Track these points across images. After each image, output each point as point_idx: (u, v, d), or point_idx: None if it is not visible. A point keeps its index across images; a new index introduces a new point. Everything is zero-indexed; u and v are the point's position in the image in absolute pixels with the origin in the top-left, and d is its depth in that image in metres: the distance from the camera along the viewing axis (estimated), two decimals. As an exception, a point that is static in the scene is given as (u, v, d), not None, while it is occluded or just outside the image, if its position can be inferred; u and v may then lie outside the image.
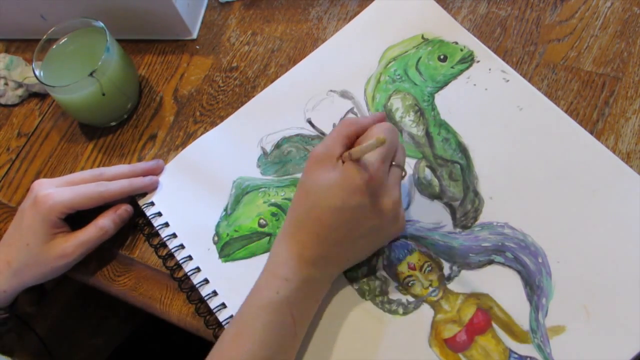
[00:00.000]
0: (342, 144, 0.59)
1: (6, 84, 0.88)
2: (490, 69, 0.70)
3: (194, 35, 0.86)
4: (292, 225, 0.60)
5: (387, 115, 0.71)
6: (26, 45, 0.94)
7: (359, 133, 0.60)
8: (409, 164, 0.68)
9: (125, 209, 0.72)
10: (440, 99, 0.70)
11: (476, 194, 0.64)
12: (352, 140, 0.60)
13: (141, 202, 0.73)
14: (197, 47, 0.85)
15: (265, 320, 0.56)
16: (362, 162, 0.56)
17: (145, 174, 0.74)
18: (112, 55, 0.75)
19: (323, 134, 0.72)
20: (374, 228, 0.58)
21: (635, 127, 0.65)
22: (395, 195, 0.58)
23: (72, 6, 0.82)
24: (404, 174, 0.60)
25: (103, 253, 0.73)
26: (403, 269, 0.63)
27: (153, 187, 0.74)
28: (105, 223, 0.70)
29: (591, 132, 0.65)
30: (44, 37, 0.78)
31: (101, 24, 0.77)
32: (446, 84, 0.71)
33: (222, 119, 0.77)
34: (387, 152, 0.57)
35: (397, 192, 0.58)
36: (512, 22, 0.74)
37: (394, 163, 0.59)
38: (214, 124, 0.77)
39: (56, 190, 0.68)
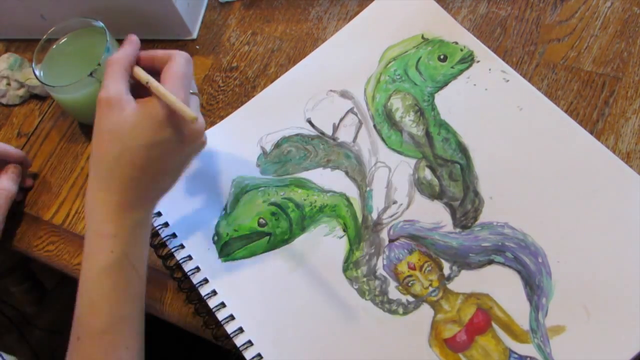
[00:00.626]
0: (123, 79, 0.58)
1: (8, 84, 0.88)
2: (490, 69, 0.70)
3: (194, 35, 0.86)
4: (101, 175, 0.57)
5: (387, 115, 0.71)
6: (26, 45, 0.94)
7: (133, 62, 0.60)
8: (409, 164, 0.68)
9: (15, 166, 0.76)
10: (440, 99, 0.70)
11: (476, 193, 0.64)
12: (130, 72, 0.59)
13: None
14: (197, 47, 0.85)
15: (112, 282, 0.56)
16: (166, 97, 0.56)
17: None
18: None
19: (323, 133, 0.72)
20: (182, 156, 0.59)
21: (635, 127, 0.65)
22: (201, 119, 0.59)
23: (72, 6, 0.82)
24: (199, 98, 0.62)
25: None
26: (403, 268, 0.63)
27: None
28: (6, 184, 0.75)
29: (591, 132, 0.65)
30: (44, 37, 0.78)
31: (101, 24, 0.76)
32: (446, 84, 0.71)
33: (222, 119, 0.77)
34: (187, 84, 0.58)
35: (200, 117, 0.59)
36: (512, 22, 0.74)
37: (190, 92, 0.59)
38: (213, 124, 0.77)
39: None
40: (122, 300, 0.56)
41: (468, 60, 0.71)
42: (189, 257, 0.69)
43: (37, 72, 0.77)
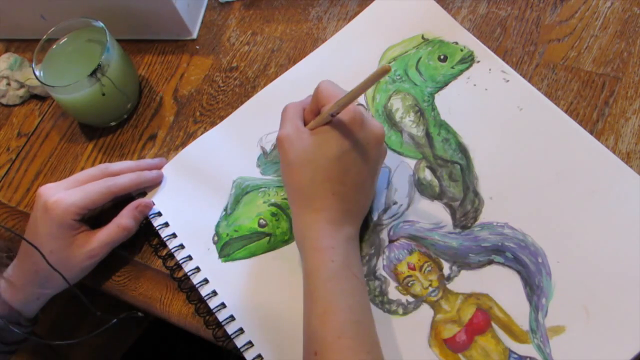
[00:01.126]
0: (299, 120, 0.61)
1: (8, 84, 0.88)
2: (490, 69, 0.70)
3: (194, 35, 0.86)
4: (303, 200, 0.60)
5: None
6: (26, 45, 0.94)
7: (304, 109, 0.63)
8: (409, 165, 0.68)
9: (145, 205, 0.71)
10: (440, 99, 0.70)
11: (476, 194, 0.64)
12: (302, 117, 0.62)
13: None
14: (197, 47, 0.85)
15: (339, 289, 0.56)
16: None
17: (150, 168, 0.74)
18: (112, 55, 0.75)
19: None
20: (371, 161, 0.60)
21: (635, 127, 0.65)
22: (378, 124, 0.60)
23: (72, 6, 0.82)
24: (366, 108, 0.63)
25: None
26: (403, 269, 0.63)
27: (159, 180, 0.74)
28: (127, 222, 0.70)
29: (591, 132, 0.65)
30: (44, 37, 0.78)
31: (101, 24, 0.77)
32: (446, 84, 0.71)
33: (222, 119, 0.77)
34: (359, 97, 0.58)
35: (377, 122, 0.60)
36: (512, 22, 0.74)
37: (357, 104, 0.60)
38: (214, 124, 0.77)
39: (66, 194, 0.68)
40: (352, 305, 0.56)
41: (468, 60, 0.71)
42: (189, 257, 0.69)
43: (37, 72, 0.77)
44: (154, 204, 0.72)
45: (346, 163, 0.58)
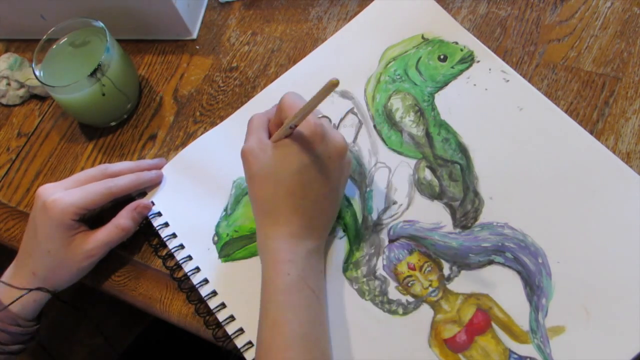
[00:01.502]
0: (264, 132, 0.62)
1: (8, 84, 0.88)
2: (490, 69, 0.70)
3: (194, 35, 0.86)
4: (265, 213, 0.60)
5: (388, 116, 0.71)
6: (26, 45, 0.94)
7: (269, 120, 0.64)
8: (409, 164, 0.68)
9: (144, 206, 0.71)
10: (440, 99, 0.70)
11: (476, 194, 0.64)
12: (267, 129, 0.63)
13: (141, 202, 0.73)
14: (197, 47, 0.85)
15: (290, 302, 0.57)
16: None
17: (150, 168, 0.75)
18: (112, 55, 0.75)
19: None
20: (334, 173, 0.60)
21: (635, 127, 0.65)
22: (340, 136, 0.60)
23: (72, 6, 0.82)
24: (330, 120, 0.64)
25: (103, 253, 0.73)
26: (403, 269, 0.63)
27: (159, 181, 0.74)
28: (125, 222, 0.70)
29: (591, 132, 0.65)
30: (44, 37, 0.78)
31: (101, 24, 0.77)
32: (446, 84, 0.71)
33: (222, 119, 0.77)
34: (314, 109, 0.58)
35: (339, 134, 0.60)
36: (512, 22, 0.74)
37: (319, 116, 0.62)
38: (214, 124, 0.77)
39: (65, 194, 0.68)
40: (303, 319, 0.57)
41: (468, 60, 0.71)
42: (189, 257, 0.69)
43: (37, 72, 0.77)
44: (153, 205, 0.72)
45: (307, 177, 0.59)
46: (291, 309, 0.57)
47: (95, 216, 0.72)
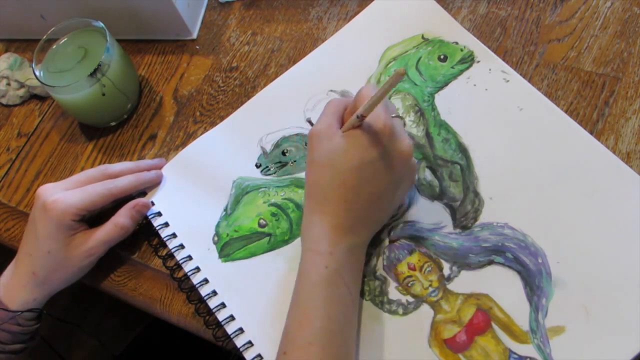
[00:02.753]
0: (336, 118, 0.61)
1: (8, 84, 0.88)
2: (490, 69, 0.70)
3: (194, 35, 0.86)
4: (316, 199, 0.60)
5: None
6: (26, 45, 0.94)
7: (346, 107, 0.62)
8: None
9: (143, 204, 0.71)
10: (440, 99, 0.70)
11: (476, 194, 0.64)
12: (342, 116, 0.61)
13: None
14: (197, 47, 0.85)
15: (324, 295, 0.56)
16: (367, 119, 0.57)
17: (150, 168, 0.75)
18: (112, 55, 0.75)
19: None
20: (394, 179, 0.59)
21: (635, 127, 0.65)
22: (407, 140, 0.59)
23: (72, 6, 0.82)
24: (404, 122, 0.62)
25: (103, 253, 0.73)
26: (403, 269, 0.63)
27: (159, 181, 0.74)
28: (124, 221, 0.70)
29: (591, 132, 0.65)
30: (44, 37, 0.78)
31: (101, 24, 0.77)
32: (446, 84, 0.71)
33: (222, 119, 0.77)
34: (387, 105, 0.58)
35: (407, 138, 0.59)
36: (512, 22, 0.74)
37: (392, 115, 0.60)
38: (214, 124, 0.77)
39: (65, 194, 0.68)
40: (332, 314, 0.56)
41: (468, 60, 0.71)
42: (189, 257, 0.69)
43: (37, 72, 0.77)
44: (153, 204, 0.72)
45: (365, 174, 0.58)
46: (323, 303, 0.56)
47: (95, 215, 0.72)
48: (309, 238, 0.59)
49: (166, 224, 0.71)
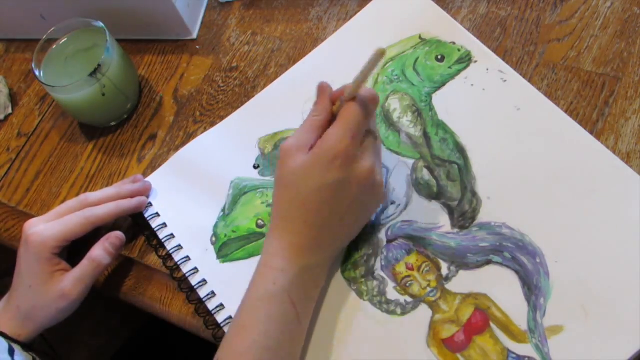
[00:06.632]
0: (312, 135, 0.60)
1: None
2: (487, 69, 0.70)
3: (194, 35, 0.86)
4: (278, 218, 0.60)
5: (385, 116, 0.71)
6: (26, 45, 0.94)
7: (330, 120, 0.61)
8: (407, 164, 0.67)
9: (116, 236, 0.70)
10: (437, 99, 0.70)
11: (474, 194, 0.64)
12: (324, 129, 0.61)
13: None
14: (197, 47, 0.85)
15: (266, 311, 0.56)
16: (330, 138, 0.58)
17: (132, 195, 0.73)
18: (112, 55, 0.76)
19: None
20: (355, 201, 0.59)
21: (635, 127, 0.65)
22: (367, 163, 0.59)
23: (72, 6, 0.83)
24: (377, 140, 0.62)
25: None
26: (401, 269, 0.63)
27: (142, 208, 0.73)
28: (98, 254, 0.68)
29: (591, 132, 0.65)
30: (44, 37, 0.78)
31: (101, 24, 0.77)
32: (444, 84, 0.71)
33: (222, 119, 0.77)
34: (356, 126, 0.58)
35: (369, 160, 0.59)
36: (512, 22, 0.74)
37: (365, 129, 0.60)
38: (214, 124, 0.77)
39: (45, 226, 0.68)
40: (270, 331, 0.56)
41: (465, 60, 0.71)
42: (187, 258, 0.69)
43: (37, 73, 0.77)
44: (151, 205, 0.73)
45: (325, 196, 0.58)
46: (263, 319, 0.56)
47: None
48: (266, 252, 0.60)
49: (164, 225, 0.71)
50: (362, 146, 0.59)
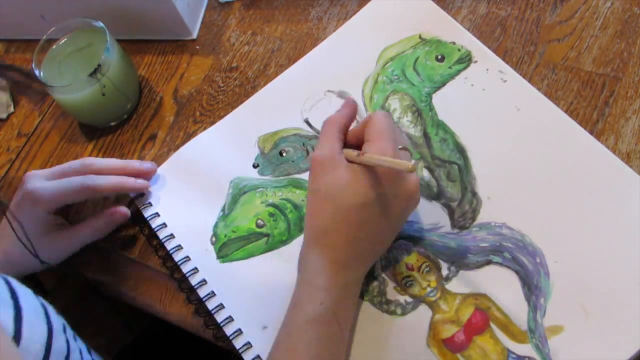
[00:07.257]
0: (338, 140, 0.59)
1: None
2: (487, 69, 0.70)
3: (194, 35, 0.86)
4: (315, 231, 0.58)
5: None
6: (26, 45, 0.94)
7: (348, 125, 0.61)
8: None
9: (121, 214, 0.71)
10: (437, 99, 0.70)
11: (474, 194, 0.64)
12: (344, 134, 0.61)
13: (139, 203, 0.73)
14: (197, 47, 0.85)
15: (315, 334, 0.55)
16: (374, 151, 0.56)
17: (137, 174, 0.73)
18: (112, 55, 0.76)
19: (321, 134, 0.72)
20: (399, 216, 0.59)
21: (635, 127, 0.65)
22: (414, 178, 0.58)
23: (72, 6, 0.83)
24: (410, 154, 0.61)
25: (103, 253, 0.73)
26: (401, 269, 0.63)
27: (144, 192, 0.73)
28: (99, 225, 0.70)
29: (591, 132, 0.65)
30: (44, 37, 0.78)
31: (101, 24, 0.77)
32: (444, 84, 0.71)
33: (222, 119, 0.77)
34: (395, 134, 0.57)
35: (414, 174, 0.58)
36: (512, 22, 0.74)
37: (399, 147, 0.58)
38: (213, 124, 0.77)
39: (42, 185, 0.67)
40: (320, 353, 0.55)
41: (465, 60, 0.71)
42: (187, 258, 0.69)
43: (37, 72, 0.77)
44: (150, 205, 0.72)
45: (370, 212, 0.56)
46: (313, 341, 0.55)
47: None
48: (307, 270, 0.58)
49: (164, 225, 0.71)
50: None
